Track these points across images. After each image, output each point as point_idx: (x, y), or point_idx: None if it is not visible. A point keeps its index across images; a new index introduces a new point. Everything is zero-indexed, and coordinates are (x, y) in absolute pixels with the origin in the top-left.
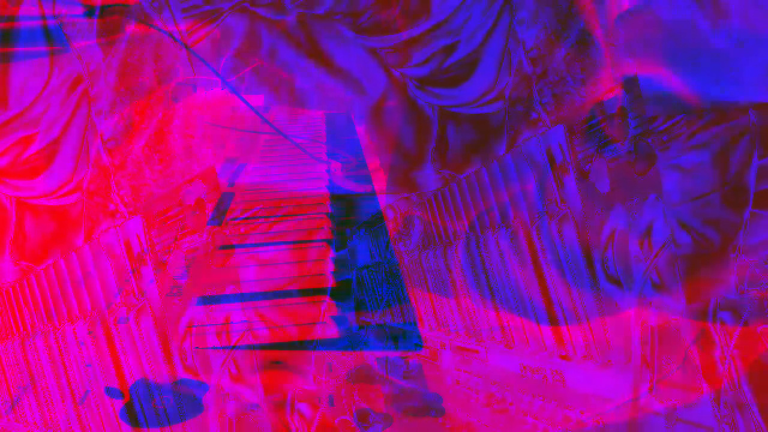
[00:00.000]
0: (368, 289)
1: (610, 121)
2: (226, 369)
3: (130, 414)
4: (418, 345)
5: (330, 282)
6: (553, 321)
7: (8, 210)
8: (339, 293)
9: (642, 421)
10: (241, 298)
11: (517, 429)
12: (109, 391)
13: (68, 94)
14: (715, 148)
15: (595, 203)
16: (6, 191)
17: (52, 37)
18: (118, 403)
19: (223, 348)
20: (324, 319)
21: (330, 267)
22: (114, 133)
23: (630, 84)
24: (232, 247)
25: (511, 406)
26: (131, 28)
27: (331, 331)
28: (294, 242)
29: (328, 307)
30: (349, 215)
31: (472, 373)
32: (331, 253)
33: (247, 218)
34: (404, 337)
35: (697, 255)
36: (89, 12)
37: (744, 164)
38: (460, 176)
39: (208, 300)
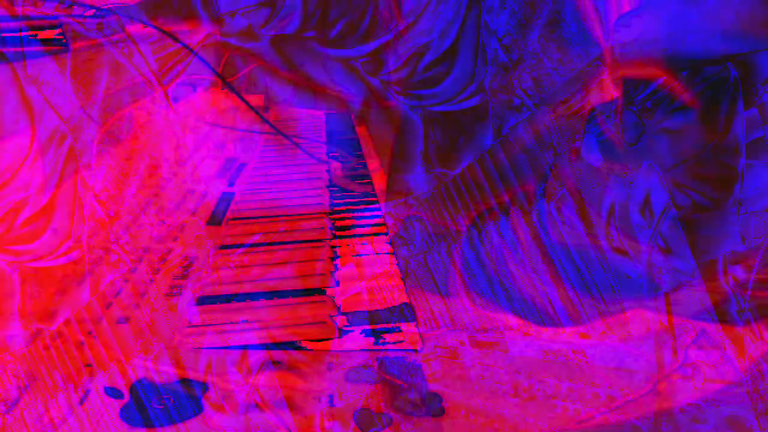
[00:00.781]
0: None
1: (592, 95)
2: (252, 400)
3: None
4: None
5: (332, 283)
6: (566, 301)
7: (12, 277)
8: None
9: (671, 387)
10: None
11: (548, 414)
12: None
13: (54, 153)
14: (700, 105)
15: (591, 179)
16: (7, 258)
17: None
18: None
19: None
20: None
21: (333, 268)
22: (104, 184)
23: (606, 55)
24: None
25: (538, 392)
26: (105, 76)
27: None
28: (296, 250)
29: (330, 309)
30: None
31: (495, 365)
32: (334, 257)
33: (246, 251)
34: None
35: (699, 214)
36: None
37: (731, 117)
38: (453, 173)
39: (222, 332)
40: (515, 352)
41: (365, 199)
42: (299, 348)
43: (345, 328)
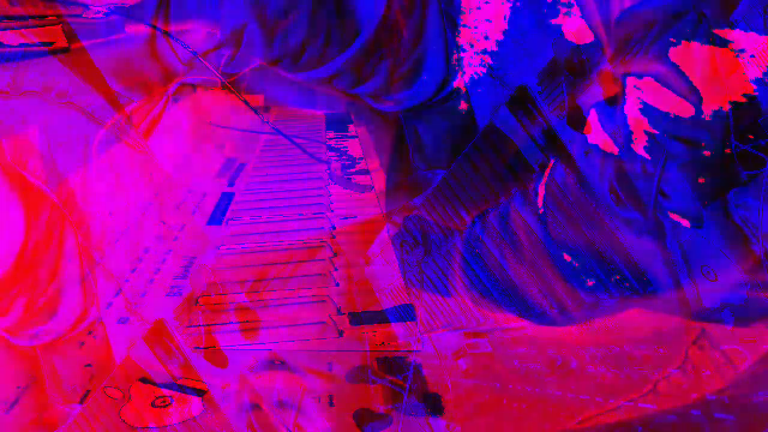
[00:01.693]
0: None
1: (569, 62)
2: (252, 399)
3: None
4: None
5: (332, 283)
6: (581, 271)
7: (36, 358)
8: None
9: (704, 334)
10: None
11: (586, 385)
12: None
13: (55, 234)
14: (675, 52)
15: (581, 145)
16: (25, 343)
17: None
18: None
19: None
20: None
21: (332, 268)
22: (108, 252)
23: (576, 22)
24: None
25: (574, 364)
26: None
27: (332, 333)
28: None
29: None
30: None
31: (526, 349)
32: (333, 257)
33: (246, 251)
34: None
35: (696, 158)
36: None
37: (708, 60)
38: (448, 169)
39: (222, 332)
40: (542, 330)
41: (365, 198)
42: (299, 348)
43: (345, 328)
